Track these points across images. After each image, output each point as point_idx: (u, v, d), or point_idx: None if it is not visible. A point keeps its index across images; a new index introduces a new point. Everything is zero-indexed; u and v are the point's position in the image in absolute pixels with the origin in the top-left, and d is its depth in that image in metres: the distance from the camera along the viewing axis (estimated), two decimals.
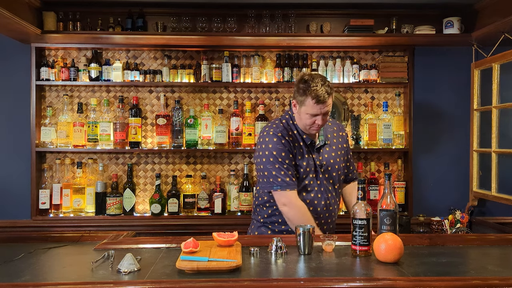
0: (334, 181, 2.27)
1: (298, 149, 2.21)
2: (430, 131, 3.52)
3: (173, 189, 3.36)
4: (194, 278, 1.49)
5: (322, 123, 2.16)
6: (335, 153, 2.28)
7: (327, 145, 2.27)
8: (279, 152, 2.17)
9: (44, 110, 3.41)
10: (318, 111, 2.11)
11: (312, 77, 2.13)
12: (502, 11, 2.88)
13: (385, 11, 3.37)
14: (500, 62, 3.07)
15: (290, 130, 2.24)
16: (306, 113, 2.14)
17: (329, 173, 2.24)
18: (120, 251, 1.81)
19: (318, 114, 2.13)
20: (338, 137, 2.35)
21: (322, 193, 2.22)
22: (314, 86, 2.08)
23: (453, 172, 3.51)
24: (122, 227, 3.15)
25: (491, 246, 2.00)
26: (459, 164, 3.49)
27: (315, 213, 2.19)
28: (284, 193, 2.16)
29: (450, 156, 3.52)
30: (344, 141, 2.36)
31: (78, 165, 3.36)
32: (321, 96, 2.07)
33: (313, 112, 2.12)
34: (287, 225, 2.22)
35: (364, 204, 1.81)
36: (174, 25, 3.27)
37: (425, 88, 3.51)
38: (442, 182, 3.52)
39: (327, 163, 2.24)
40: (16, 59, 3.35)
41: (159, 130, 3.36)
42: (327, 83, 2.12)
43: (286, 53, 3.46)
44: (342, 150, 2.33)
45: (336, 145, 2.31)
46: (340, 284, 1.44)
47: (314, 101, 2.09)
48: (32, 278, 1.54)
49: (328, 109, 2.13)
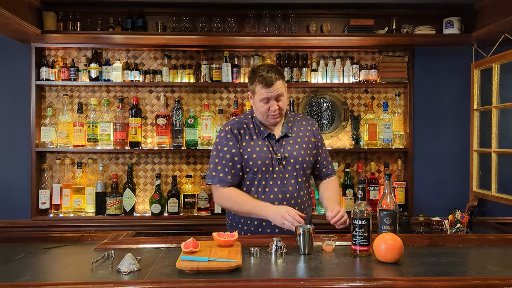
0: (297, 174, 2.21)
1: (249, 141, 2.21)
2: (430, 131, 3.52)
3: (173, 189, 3.36)
4: (194, 278, 1.50)
5: (278, 109, 2.15)
6: (299, 146, 2.24)
7: (291, 138, 2.25)
8: (222, 147, 2.21)
9: (44, 110, 3.42)
10: (269, 95, 2.13)
11: (259, 65, 2.22)
12: (502, 11, 2.89)
13: (385, 11, 3.38)
14: (500, 62, 3.07)
15: (245, 124, 2.25)
16: (259, 100, 2.16)
17: (292, 166, 2.20)
18: (120, 251, 1.81)
19: (270, 98, 2.14)
20: (306, 131, 2.30)
21: (279, 186, 2.18)
22: (260, 72, 2.15)
23: (453, 172, 3.51)
24: (122, 227, 3.15)
25: (491, 246, 2.00)
26: (459, 164, 3.49)
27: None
28: (215, 188, 2.22)
29: (450, 156, 3.52)
30: (312, 135, 2.31)
31: (78, 165, 3.36)
32: (268, 79, 2.12)
33: (263, 97, 2.14)
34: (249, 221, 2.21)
35: (364, 204, 1.81)
36: (174, 25, 3.27)
37: (425, 88, 3.51)
38: (442, 182, 3.52)
39: (289, 156, 2.20)
40: (16, 59, 3.35)
41: (159, 130, 3.36)
42: (274, 69, 2.17)
43: (286, 53, 3.47)
44: (309, 143, 2.27)
45: (302, 138, 2.26)
46: (340, 284, 1.44)
47: (262, 85, 2.13)
48: (32, 278, 1.54)
49: (278, 92, 2.14)
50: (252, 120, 2.27)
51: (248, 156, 2.19)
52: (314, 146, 2.30)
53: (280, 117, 2.21)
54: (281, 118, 2.24)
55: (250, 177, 2.20)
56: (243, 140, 2.22)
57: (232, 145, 2.20)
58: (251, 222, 2.20)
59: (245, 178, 2.22)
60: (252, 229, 2.21)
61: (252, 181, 2.20)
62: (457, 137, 3.51)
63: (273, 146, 2.21)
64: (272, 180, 2.18)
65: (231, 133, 2.22)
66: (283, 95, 2.17)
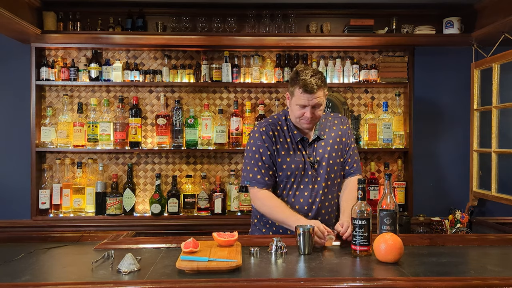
0: (329, 177, 2.19)
1: (283, 144, 2.17)
2: (430, 131, 3.52)
3: (173, 189, 3.36)
4: (194, 278, 1.49)
5: (312, 117, 2.09)
6: (331, 148, 2.20)
7: (323, 140, 2.21)
8: (258, 148, 2.17)
9: (44, 110, 3.42)
10: (306, 102, 2.06)
11: (304, 68, 2.12)
12: (502, 11, 2.89)
13: (385, 11, 3.37)
14: (500, 62, 3.07)
15: (279, 126, 2.21)
16: (296, 104, 2.10)
17: (324, 169, 2.18)
18: (120, 251, 1.81)
19: (306, 106, 2.07)
20: (338, 130, 2.26)
21: (310, 190, 2.16)
22: (303, 76, 2.06)
23: (453, 172, 3.51)
24: (122, 227, 3.15)
25: (491, 246, 2.00)
26: (459, 164, 3.49)
27: (301, 212, 2.13)
28: (252, 190, 2.18)
29: (450, 156, 3.52)
30: (344, 135, 2.27)
31: (78, 165, 3.36)
32: (309, 85, 2.03)
33: (301, 103, 2.08)
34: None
35: (364, 204, 1.81)
36: (174, 25, 3.27)
37: (425, 88, 3.51)
38: (442, 182, 3.52)
39: (321, 159, 2.18)
40: (16, 59, 3.35)
41: (159, 130, 3.36)
42: (318, 75, 2.08)
43: (286, 53, 3.47)
44: (340, 144, 2.24)
45: (333, 138, 2.23)
46: (340, 284, 1.44)
47: (302, 90, 2.05)
48: (32, 278, 1.54)
49: (317, 101, 2.07)
50: (286, 122, 2.23)
51: (282, 160, 2.16)
52: (344, 146, 2.26)
53: (313, 124, 2.17)
54: (313, 125, 2.19)
55: (283, 180, 2.18)
56: (277, 142, 2.18)
57: (268, 146, 2.16)
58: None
59: (278, 181, 2.20)
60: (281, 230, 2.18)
61: (285, 184, 2.18)
62: (457, 137, 3.51)
63: (306, 150, 2.19)
64: (303, 184, 2.17)
65: (266, 135, 2.17)
66: (321, 105, 2.11)
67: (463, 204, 3.39)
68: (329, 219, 2.23)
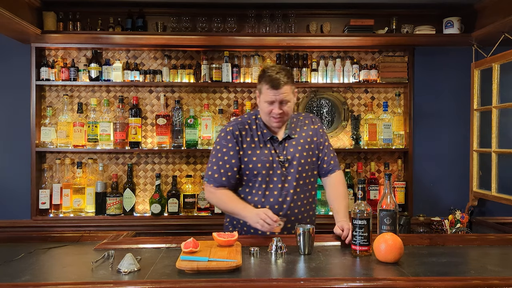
0: (300, 176, 2.18)
1: (250, 143, 2.18)
2: (430, 131, 3.52)
3: (173, 189, 3.36)
4: (194, 278, 1.50)
5: (280, 113, 2.11)
6: (302, 147, 2.20)
7: (293, 139, 2.21)
8: (221, 147, 2.20)
9: (44, 110, 3.42)
10: (273, 98, 2.09)
11: (271, 66, 2.20)
12: (502, 11, 2.89)
13: (385, 11, 3.37)
14: (500, 62, 3.07)
15: (248, 125, 2.22)
16: (264, 101, 2.13)
17: (295, 168, 2.17)
18: (120, 251, 1.81)
19: (274, 102, 2.10)
20: (309, 130, 2.27)
21: (279, 189, 2.15)
22: (269, 72, 2.11)
23: (453, 172, 3.51)
24: (122, 227, 3.15)
25: (491, 246, 2.00)
26: (459, 164, 3.49)
27: (272, 210, 2.08)
28: (207, 187, 2.23)
29: (450, 156, 3.52)
30: (315, 134, 2.26)
31: (78, 165, 3.36)
32: (275, 81, 2.07)
33: (268, 99, 2.11)
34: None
35: (364, 204, 1.81)
36: (174, 25, 3.27)
37: (425, 88, 3.51)
38: (442, 182, 3.52)
39: (292, 158, 2.18)
40: (16, 59, 3.35)
41: (159, 130, 3.36)
42: (285, 72, 2.12)
43: (286, 53, 3.47)
44: (311, 143, 2.24)
45: (304, 138, 2.23)
46: (340, 284, 1.44)
47: (268, 86, 2.09)
48: (32, 278, 1.54)
49: (284, 97, 2.09)
50: (255, 121, 2.24)
51: (248, 159, 2.17)
52: (316, 145, 2.26)
53: (282, 122, 2.17)
54: (283, 123, 2.20)
55: (251, 179, 2.18)
56: (243, 142, 2.19)
57: (231, 147, 2.18)
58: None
59: (245, 180, 2.20)
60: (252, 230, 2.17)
61: (253, 184, 2.18)
62: (457, 137, 3.51)
63: (275, 149, 2.19)
64: (272, 183, 2.16)
65: (231, 135, 2.19)
66: (289, 101, 2.12)
67: (463, 204, 3.39)
68: (303, 218, 2.22)
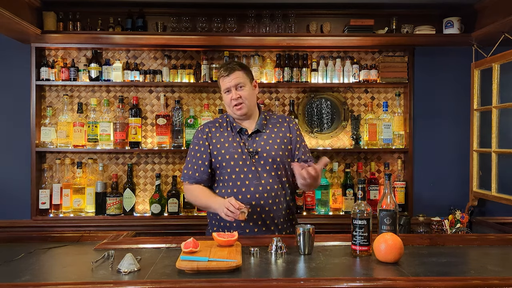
0: (271, 169, 2.22)
1: (220, 138, 2.27)
2: (430, 131, 3.52)
3: (173, 189, 3.36)
4: (194, 278, 1.50)
5: (237, 98, 2.21)
6: (273, 141, 2.26)
7: (264, 134, 2.28)
8: (194, 146, 2.32)
9: (44, 110, 3.42)
10: (228, 84, 2.21)
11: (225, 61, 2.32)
12: (502, 11, 2.89)
13: (385, 11, 3.37)
14: (500, 62, 3.07)
15: (218, 123, 2.34)
16: (223, 92, 2.26)
17: (265, 160, 2.22)
18: (120, 251, 1.81)
19: (230, 88, 2.22)
20: (282, 127, 2.33)
21: (251, 180, 2.19)
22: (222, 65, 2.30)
23: (453, 172, 3.51)
24: (122, 227, 3.15)
25: (491, 246, 2.00)
26: (459, 164, 3.49)
27: (245, 200, 2.13)
28: (184, 185, 2.35)
29: (450, 156, 3.52)
30: (288, 131, 2.32)
31: (78, 165, 3.36)
32: (227, 68, 2.22)
33: (225, 87, 2.23)
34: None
35: (364, 204, 1.81)
36: (174, 25, 3.27)
37: (425, 88, 3.51)
38: (442, 182, 3.52)
39: (262, 150, 2.22)
40: (16, 59, 3.35)
41: (159, 130, 3.36)
42: (237, 63, 2.28)
43: (286, 53, 3.47)
44: (284, 139, 2.29)
45: (276, 133, 2.29)
46: (340, 284, 1.44)
47: (221, 74, 2.24)
48: (32, 278, 1.54)
49: (237, 81, 2.21)
50: (226, 119, 2.34)
51: (218, 152, 2.25)
52: (289, 141, 2.31)
53: (243, 107, 2.23)
54: (246, 110, 2.24)
55: (222, 173, 2.24)
56: (213, 137, 2.29)
57: (202, 143, 2.29)
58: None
59: (218, 175, 2.27)
60: (235, 224, 2.19)
61: (224, 177, 2.24)
62: (457, 137, 3.51)
63: (245, 142, 2.26)
64: (243, 174, 2.20)
65: (202, 132, 2.31)
66: (244, 86, 2.23)
67: (463, 204, 3.39)
68: (278, 210, 2.23)
